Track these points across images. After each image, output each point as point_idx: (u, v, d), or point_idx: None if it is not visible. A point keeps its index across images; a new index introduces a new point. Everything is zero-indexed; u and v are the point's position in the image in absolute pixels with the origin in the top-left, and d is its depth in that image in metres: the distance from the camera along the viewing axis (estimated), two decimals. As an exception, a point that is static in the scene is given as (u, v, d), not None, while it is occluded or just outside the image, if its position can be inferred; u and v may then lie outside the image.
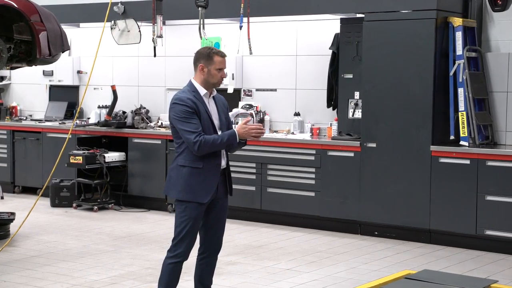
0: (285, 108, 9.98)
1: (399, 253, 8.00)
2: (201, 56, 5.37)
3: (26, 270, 7.13)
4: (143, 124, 10.57)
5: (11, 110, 12.22)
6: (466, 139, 8.37)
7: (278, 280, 6.89)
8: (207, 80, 5.35)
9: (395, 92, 8.55)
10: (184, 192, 5.30)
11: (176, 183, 5.34)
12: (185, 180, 5.30)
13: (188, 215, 5.30)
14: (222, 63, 5.36)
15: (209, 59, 5.33)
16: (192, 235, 5.34)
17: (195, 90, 5.35)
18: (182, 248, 5.33)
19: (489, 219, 8.04)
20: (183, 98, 5.28)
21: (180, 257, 5.35)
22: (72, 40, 11.54)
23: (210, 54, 5.34)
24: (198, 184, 5.29)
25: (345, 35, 9.13)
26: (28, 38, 7.42)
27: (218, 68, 5.33)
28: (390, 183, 8.57)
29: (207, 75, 5.34)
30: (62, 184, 10.49)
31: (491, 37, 8.84)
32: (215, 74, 5.34)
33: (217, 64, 5.33)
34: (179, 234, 5.33)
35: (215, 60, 5.32)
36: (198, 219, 5.34)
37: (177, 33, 10.74)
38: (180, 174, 5.33)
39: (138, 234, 8.86)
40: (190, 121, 5.23)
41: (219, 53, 5.37)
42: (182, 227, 5.31)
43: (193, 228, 5.33)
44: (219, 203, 5.46)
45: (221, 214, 5.50)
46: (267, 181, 9.38)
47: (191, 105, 5.25)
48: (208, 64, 5.33)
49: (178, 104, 5.27)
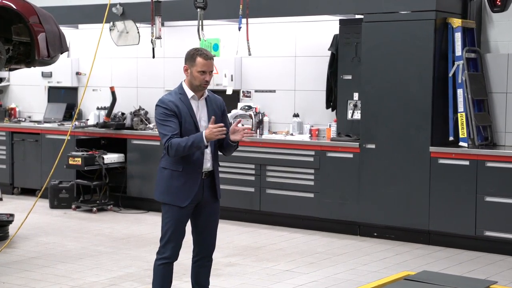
0: (284, 109, 9.97)
1: (398, 254, 8.00)
2: (187, 57, 5.30)
3: (25, 272, 7.13)
4: (142, 126, 10.56)
5: (10, 111, 12.21)
6: (465, 140, 8.37)
7: (277, 282, 6.88)
8: (191, 82, 5.28)
9: (394, 93, 8.55)
10: (165, 194, 5.29)
11: (159, 185, 5.34)
12: (165, 182, 5.29)
13: (171, 217, 5.29)
14: (205, 66, 5.21)
15: (192, 60, 5.25)
16: (177, 237, 5.32)
17: (182, 93, 5.30)
18: (169, 249, 5.32)
19: (488, 220, 8.04)
20: (165, 100, 5.26)
21: (168, 258, 5.34)
22: (71, 41, 11.53)
23: (194, 56, 5.24)
24: (177, 187, 5.25)
25: (344, 36, 9.12)
26: (27, 39, 7.41)
27: (200, 71, 5.21)
28: (389, 184, 8.57)
29: (190, 76, 5.27)
30: (61, 185, 10.48)
31: (490, 38, 8.84)
32: (197, 76, 5.23)
33: (199, 66, 5.21)
34: (165, 235, 5.33)
35: (197, 62, 5.22)
36: (180, 221, 5.30)
37: (175, 35, 10.74)
38: (161, 177, 5.32)
39: (137, 235, 8.85)
40: (166, 124, 5.19)
41: (203, 55, 5.23)
42: (167, 229, 5.31)
43: (177, 230, 5.30)
44: (207, 207, 5.39)
45: (211, 217, 5.43)
46: (266, 183, 9.38)
47: (170, 107, 5.20)
48: (191, 65, 5.25)
49: (159, 106, 5.26)
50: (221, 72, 10.10)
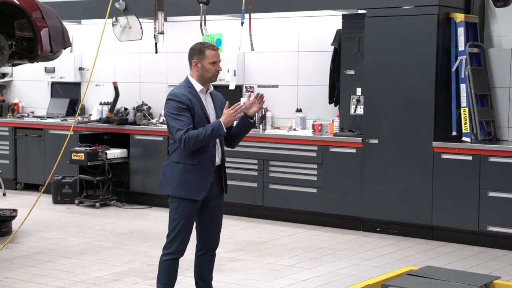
0: (287, 105, 9.97)
1: (401, 250, 8.00)
2: (193, 52, 5.36)
3: (28, 267, 7.13)
4: (145, 121, 10.56)
5: (13, 107, 12.22)
6: (468, 135, 8.36)
7: (280, 277, 6.89)
8: (203, 75, 5.33)
9: (397, 88, 8.54)
10: (178, 188, 5.28)
11: (171, 179, 5.31)
12: (180, 176, 5.28)
13: (181, 212, 5.29)
14: (216, 57, 5.33)
15: (201, 54, 5.32)
16: (186, 232, 5.32)
17: (191, 86, 5.33)
18: (176, 244, 5.31)
19: (491, 215, 8.03)
20: (177, 93, 5.27)
21: (175, 253, 5.34)
22: (74, 36, 11.54)
23: (202, 49, 5.32)
24: (192, 181, 5.25)
25: (347, 31, 9.11)
26: (29, 35, 7.41)
27: (211, 62, 5.31)
28: (392, 180, 8.56)
29: (202, 70, 5.32)
30: (64, 181, 10.49)
31: (493, 33, 8.82)
32: (209, 68, 5.31)
33: (210, 58, 5.31)
34: (173, 231, 5.32)
35: (207, 54, 5.31)
36: (191, 216, 5.32)
37: (178, 30, 10.74)
38: (174, 171, 5.30)
39: (140, 230, 8.86)
40: (179, 118, 5.21)
41: (211, 46, 5.35)
42: (176, 224, 5.30)
43: (187, 225, 5.31)
44: (213, 201, 5.41)
45: (216, 212, 5.45)
46: (269, 178, 9.38)
47: (184, 101, 5.23)
48: (201, 59, 5.31)
49: (171, 100, 5.26)
50: (224, 67, 10.09)
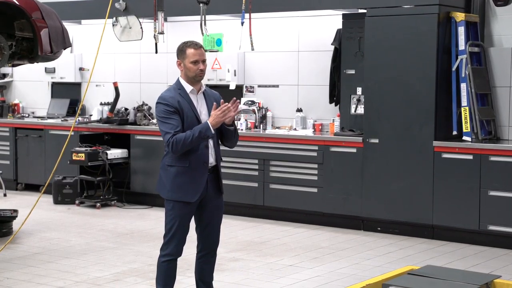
0: (287, 104, 9.96)
1: (402, 249, 8.00)
2: (177, 52, 5.32)
3: (29, 267, 7.14)
4: (145, 121, 10.57)
5: (14, 107, 12.22)
6: (469, 134, 8.36)
7: (281, 276, 6.89)
8: (187, 75, 5.28)
9: (398, 87, 8.54)
10: (172, 191, 5.26)
11: (165, 182, 5.31)
12: (173, 179, 5.26)
13: (176, 213, 5.28)
14: (196, 55, 5.23)
15: (182, 53, 5.26)
16: (182, 233, 5.31)
17: (181, 88, 5.30)
18: (173, 246, 5.31)
19: (492, 214, 8.03)
20: (165, 96, 5.24)
21: (172, 255, 5.33)
22: (74, 37, 11.54)
23: (183, 48, 5.26)
24: (185, 183, 5.23)
25: (347, 30, 9.11)
26: (29, 35, 7.41)
27: (192, 61, 5.23)
28: (393, 179, 8.56)
29: (185, 69, 5.27)
30: (65, 181, 10.49)
31: (493, 32, 8.82)
32: (190, 67, 5.23)
33: (190, 57, 5.23)
34: (169, 232, 5.32)
35: (187, 53, 5.23)
36: (186, 217, 5.30)
37: (178, 30, 10.73)
38: (167, 174, 5.29)
39: (141, 230, 8.86)
40: (167, 121, 5.18)
41: (192, 45, 5.26)
42: (171, 225, 5.30)
43: (182, 226, 5.30)
44: (211, 202, 5.38)
45: (215, 213, 5.43)
46: (269, 178, 9.38)
47: (172, 104, 5.19)
48: (183, 58, 5.26)
49: (160, 104, 5.24)
50: (224, 67, 10.10)
